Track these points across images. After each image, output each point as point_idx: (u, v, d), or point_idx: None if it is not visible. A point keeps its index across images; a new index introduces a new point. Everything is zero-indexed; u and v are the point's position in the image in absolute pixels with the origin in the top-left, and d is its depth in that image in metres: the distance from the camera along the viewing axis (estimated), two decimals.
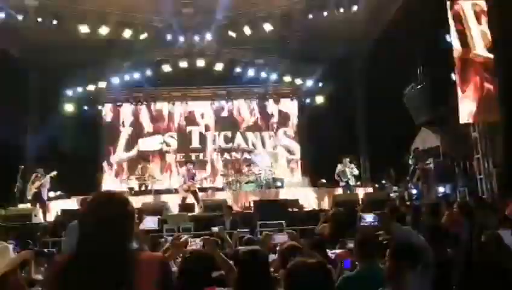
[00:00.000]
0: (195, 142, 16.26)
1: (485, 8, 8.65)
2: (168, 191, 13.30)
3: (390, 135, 12.16)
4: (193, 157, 15.65)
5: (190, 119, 16.42)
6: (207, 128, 16.41)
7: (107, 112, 16.43)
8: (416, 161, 10.82)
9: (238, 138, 16.32)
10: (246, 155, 15.69)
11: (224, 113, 16.57)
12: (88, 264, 1.68)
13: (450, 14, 8.89)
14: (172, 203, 11.11)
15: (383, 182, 12.87)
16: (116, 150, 16.10)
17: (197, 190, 11.68)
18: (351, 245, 3.91)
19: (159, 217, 8.06)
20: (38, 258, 4.73)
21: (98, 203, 1.82)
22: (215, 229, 5.34)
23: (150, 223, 6.12)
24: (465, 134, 9.85)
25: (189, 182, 11.48)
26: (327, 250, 4.20)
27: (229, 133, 16.34)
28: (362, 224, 5.81)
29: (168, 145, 16.15)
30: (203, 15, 12.67)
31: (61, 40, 12.43)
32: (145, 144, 16.17)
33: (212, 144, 16.24)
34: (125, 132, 16.26)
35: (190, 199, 11.44)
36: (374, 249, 3.22)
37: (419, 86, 11.46)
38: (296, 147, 16.39)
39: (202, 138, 16.28)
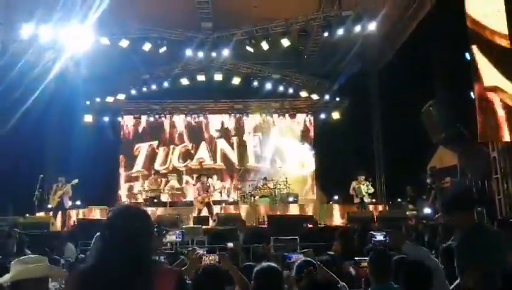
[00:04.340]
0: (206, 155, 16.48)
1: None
2: (184, 204, 13.39)
3: (407, 153, 12.05)
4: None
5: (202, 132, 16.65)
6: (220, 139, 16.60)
7: (125, 123, 16.71)
8: (433, 180, 10.66)
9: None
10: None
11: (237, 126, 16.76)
12: (108, 275, 1.73)
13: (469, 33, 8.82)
14: (187, 215, 11.18)
15: (399, 200, 12.71)
16: (135, 162, 16.30)
17: (211, 203, 11.76)
18: (364, 264, 3.87)
19: (182, 230, 8.12)
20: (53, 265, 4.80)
21: (119, 215, 1.88)
22: (230, 244, 5.34)
23: (173, 236, 6.20)
24: (484, 153, 9.69)
25: (204, 194, 11.58)
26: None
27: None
28: (373, 242, 5.72)
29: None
30: (221, 30, 12.88)
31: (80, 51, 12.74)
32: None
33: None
34: (144, 145, 16.47)
35: (205, 212, 11.52)
36: (388, 269, 3.19)
37: (437, 104, 11.36)
38: (312, 162, 16.36)
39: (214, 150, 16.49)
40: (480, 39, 8.14)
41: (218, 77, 14.42)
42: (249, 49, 12.77)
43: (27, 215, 10.67)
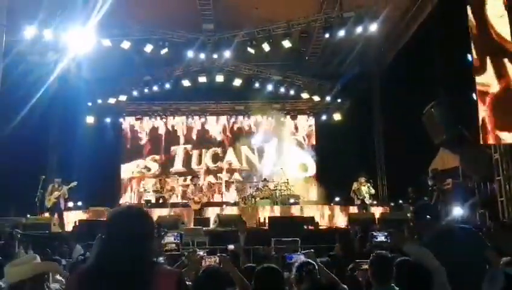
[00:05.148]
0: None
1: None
2: (185, 205, 13.39)
3: (409, 154, 12.02)
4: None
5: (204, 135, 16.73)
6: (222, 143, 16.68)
7: (126, 124, 16.73)
8: (435, 182, 10.64)
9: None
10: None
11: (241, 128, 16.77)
12: (108, 275, 1.73)
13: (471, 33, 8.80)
14: (188, 216, 11.19)
15: (400, 201, 12.68)
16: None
17: (204, 203, 11.96)
18: (365, 266, 3.86)
19: (181, 232, 8.13)
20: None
21: (120, 216, 1.89)
22: (230, 246, 5.33)
23: (171, 237, 6.21)
24: (485, 155, 9.66)
25: (199, 194, 11.77)
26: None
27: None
28: (374, 243, 5.70)
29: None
30: (223, 31, 12.89)
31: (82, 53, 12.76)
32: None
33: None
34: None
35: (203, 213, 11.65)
36: (389, 272, 3.17)
37: (438, 105, 11.34)
38: (312, 164, 16.35)
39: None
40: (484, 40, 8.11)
41: (219, 78, 14.44)
42: (250, 50, 12.77)
43: (29, 216, 10.69)
